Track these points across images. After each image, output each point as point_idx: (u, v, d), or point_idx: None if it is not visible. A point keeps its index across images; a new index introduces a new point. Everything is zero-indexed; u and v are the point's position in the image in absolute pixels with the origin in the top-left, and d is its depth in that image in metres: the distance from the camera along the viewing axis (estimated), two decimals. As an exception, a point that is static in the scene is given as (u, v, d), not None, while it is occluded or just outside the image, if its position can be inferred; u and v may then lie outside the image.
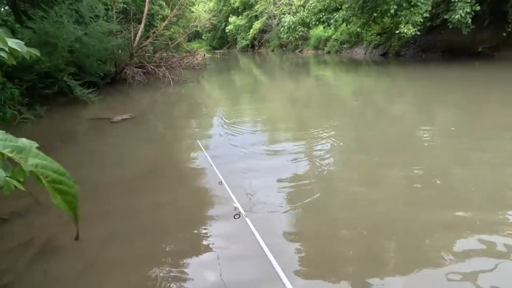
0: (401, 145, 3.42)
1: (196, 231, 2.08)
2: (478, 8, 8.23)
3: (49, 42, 5.76)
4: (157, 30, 10.30)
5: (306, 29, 12.68)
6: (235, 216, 1.47)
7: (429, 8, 8.81)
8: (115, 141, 4.19)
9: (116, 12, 8.88)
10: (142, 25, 9.41)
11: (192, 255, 1.84)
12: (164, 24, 10.37)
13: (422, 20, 8.76)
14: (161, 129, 4.84)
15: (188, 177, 3.00)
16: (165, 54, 11.44)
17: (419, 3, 8.51)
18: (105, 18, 7.40)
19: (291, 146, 3.47)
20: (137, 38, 9.19)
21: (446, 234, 1.86)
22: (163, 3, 12.62)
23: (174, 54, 11.93)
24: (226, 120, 4.82)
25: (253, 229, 1.37)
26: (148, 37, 9.97)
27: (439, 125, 4.16)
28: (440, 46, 11.67)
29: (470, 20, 8.31)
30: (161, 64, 10.05)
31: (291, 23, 11.33)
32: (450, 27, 8.92)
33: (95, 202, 2.51)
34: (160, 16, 11.84)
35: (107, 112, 5.65)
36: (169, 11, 10.98)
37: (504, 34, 8.83)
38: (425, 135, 3.68)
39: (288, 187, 2.54)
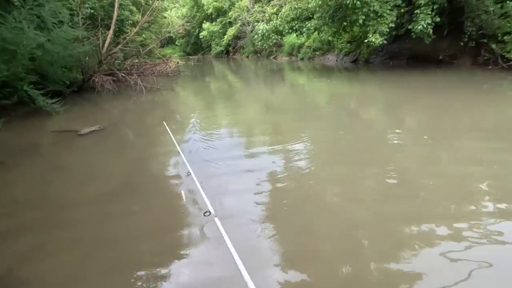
0: (374, 148, 3.59)
1: (171, 239, 2.04)
2: (438, 19, 8.82)
3: (7, 49, 5.34)
4: (128, 36, 9.97)
5: (279, 36, 12.88)
6: (205, 214, 1.56)
7: (394, 19, 9.30)
8: (84, 155, 3.94)
9: (82, 17, 8.49)
10: (111, 31, 9.06)
11: (168, 262, 1.80)
12: (135, 30, 10.06)
13: (388, 30, 9.23)
14: (133, 139, 4.64)
15: (164, 186, 2.88)
16: (137, 61, 11.09)
17: (385, 14, 8.96)
18: (70, 24, 7.03)
19: (267, 150, 3.58)
20: (106, 45, 8.83)
21: (416, 229, 1.99)
22: (134, 9, 12.27)
23: (146, 61, 11.60)
24: (201, 127, 4.80)
25: (221, 228, 1.49)
26: (118, 44, 9.61)
27: (409, 127, 4.46)
28: (405, 54, 12.36)
29: (431, 31, 8.87)
30: (132, 71, 9.71)
31: (264, 31, 11.46)
32: (414, 36, 9.48)
33: (65, 222, 2.33)
34: (130, 22, 11.49)
35: (74, 123, 5.33)
36: (140, 16, 10.69)
37: (461, 43, 9.53)
38: (396, 138, 3.90)
39: (263, 189, 2.61)
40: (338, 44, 15.45)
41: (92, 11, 9.11)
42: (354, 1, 8.52)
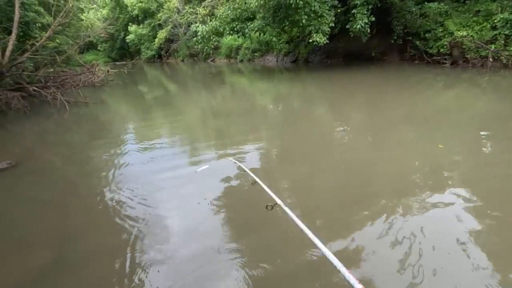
0: (323, 143, 3.87)
1: None
2: (373, 19, 9.36)
3: None
4: (37, 42, 8.19)
5: (220, 38, 12.30)
6: (267, 207, 1.55)
7: (333, 19, 9.58)
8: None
9: (-32, 19, 6.61)
10: (14, 35, 7.27)
11: None
12: (46, 34, 8.32)
13: (329, 29, 9.45)
14: (59, 174, 3.56)
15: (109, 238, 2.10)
16: (52, 70, 9.27)
17: (324, 14, 9.14)
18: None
19: (216, 155, 3.50)
20: (8, 53, 7.05)
21: (368, 203, 2.33)
22: (41, 9, 10.24)
23: (65, 70, 9.80)
24: (140, 142, 4.42)
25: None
26: (25, 51, 7.81)
27: (351, 123, 4.85)
28: (341, 53, 12.99)
29: (368, 29, 9.37)
30: (48, 83, 8.03)
31: (204, 33, 10.72)
32: (352, 35, 9.91)
33: None
34: (39, 25, 9.54)
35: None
36: (52, 19, 8.91)
37: (392, 41, 10.33)
38: (340, 132, 4.20)
39: (218, 207, 2.43)
40: (277, 45, 15.55)
41: (-18, 10, 7.19)
42: (297, 1, 8.45)
